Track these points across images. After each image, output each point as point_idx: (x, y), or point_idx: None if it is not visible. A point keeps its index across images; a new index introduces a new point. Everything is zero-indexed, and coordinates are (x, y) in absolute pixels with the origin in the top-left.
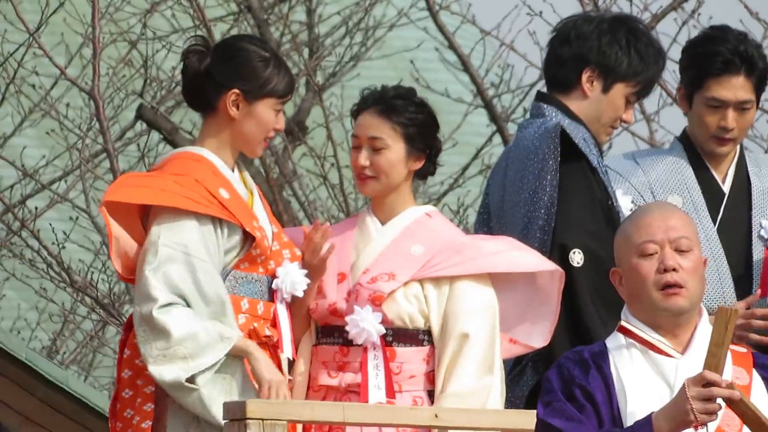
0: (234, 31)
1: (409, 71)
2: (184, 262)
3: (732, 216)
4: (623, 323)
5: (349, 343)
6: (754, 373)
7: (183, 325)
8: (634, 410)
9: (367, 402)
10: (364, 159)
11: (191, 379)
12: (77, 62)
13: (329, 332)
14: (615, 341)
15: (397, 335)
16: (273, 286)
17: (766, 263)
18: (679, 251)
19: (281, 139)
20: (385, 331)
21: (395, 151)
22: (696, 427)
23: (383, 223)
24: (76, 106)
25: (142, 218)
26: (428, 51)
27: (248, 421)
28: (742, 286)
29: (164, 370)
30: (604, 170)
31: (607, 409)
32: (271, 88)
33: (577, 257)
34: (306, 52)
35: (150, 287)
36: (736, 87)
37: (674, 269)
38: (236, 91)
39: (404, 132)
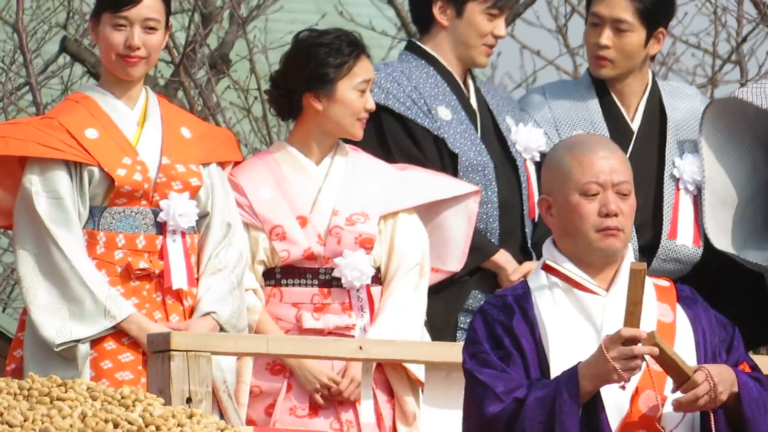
0: None
1: (333, 4)
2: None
3: (641, 153)
4: (548, 261)
5: (327, 284)
6: (678, 308)
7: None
8: (559, 354)
9: None
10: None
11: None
12: None
13: (300, 274)
14: (537, 281)
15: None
16: (158, 218)
17: (677, 205)
18: (621, 194)
19: (205, 72)
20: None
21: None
22: (623, 387)
23: (316, 162)
24: None
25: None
26: None
27: (172, 352)
28: (653, 227)
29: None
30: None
31: (534, 355)
32: (103, 2)
33: None
34: None
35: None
36: (613, 4)
37: (616, 214)
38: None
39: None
